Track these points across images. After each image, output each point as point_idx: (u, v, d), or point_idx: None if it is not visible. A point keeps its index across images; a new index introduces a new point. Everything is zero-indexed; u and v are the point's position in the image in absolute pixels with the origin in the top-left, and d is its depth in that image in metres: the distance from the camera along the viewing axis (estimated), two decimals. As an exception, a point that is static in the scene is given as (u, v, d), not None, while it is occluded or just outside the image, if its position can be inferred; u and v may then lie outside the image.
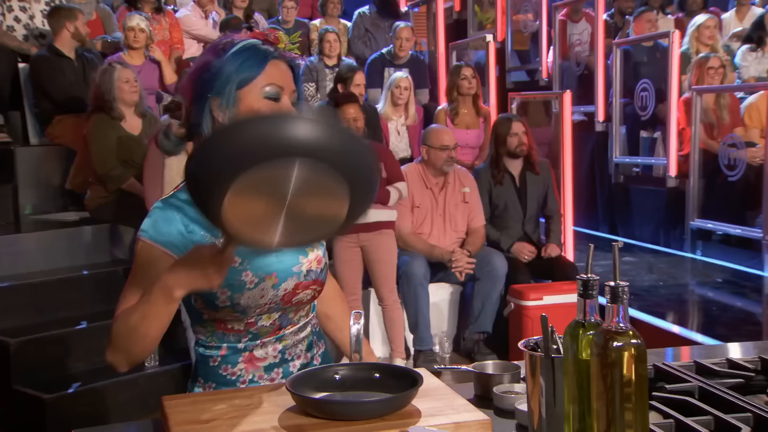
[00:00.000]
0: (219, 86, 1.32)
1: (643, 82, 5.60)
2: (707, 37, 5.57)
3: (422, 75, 5.47)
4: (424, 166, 4.10)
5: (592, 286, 1.11)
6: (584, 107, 6.10)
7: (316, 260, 1.43)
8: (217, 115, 1.33)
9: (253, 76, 1.32)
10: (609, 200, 5.97)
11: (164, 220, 1.32)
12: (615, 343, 1.04)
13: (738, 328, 3.59)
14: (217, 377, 1.41)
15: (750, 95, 5.13)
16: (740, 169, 4.75)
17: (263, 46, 1.35)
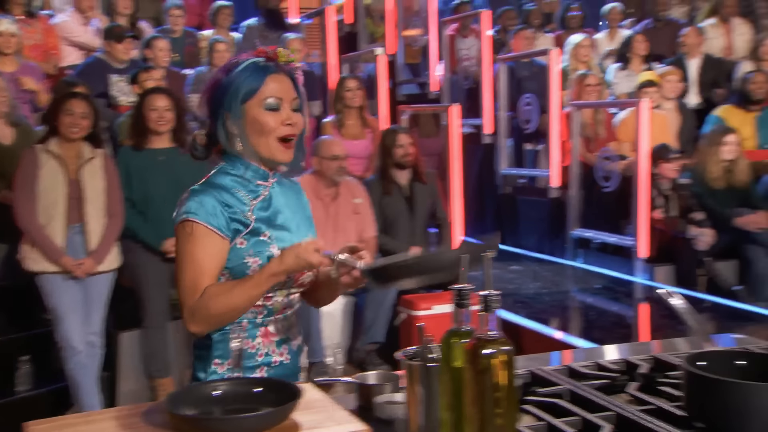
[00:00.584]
0: (228, 101, 1.55)
1: (527, 97, 5.86)
2: (583, 56, 5.90)
3: (314, 87, 5.49)
4: (315, 177, 4.11)
5: (466, 295, 1.16)
6: (472, 120, 6.30)
7: None
8: (229, 127, 1.57)
9: (255, 90, 1.54)
10: (497, 210, 6.20)
11: (208, 202, 1.53)
12: (485, 350, 1.09)
13: (613, 332, 3.81)
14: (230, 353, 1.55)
15: (622, 111, 5.48)
16: (614, 180, 5.07)
17: (263, 63, 1.57)
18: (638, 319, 4.25)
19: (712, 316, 4.06)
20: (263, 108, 1.55)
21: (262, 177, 1.61)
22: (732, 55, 6.41)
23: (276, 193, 1.63)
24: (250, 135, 1.57)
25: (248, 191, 1.59)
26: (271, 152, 1.57)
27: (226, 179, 1.58)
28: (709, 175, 4.76)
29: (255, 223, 1.56)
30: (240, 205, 1.56)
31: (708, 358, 1.30)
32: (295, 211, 1.67)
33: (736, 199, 4.77)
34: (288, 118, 1.56)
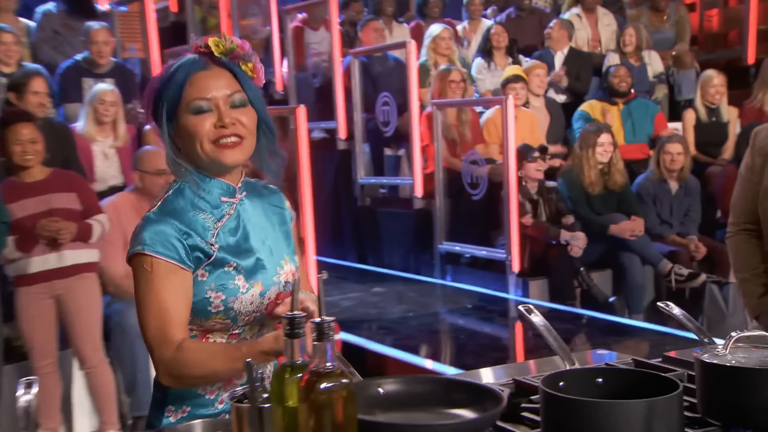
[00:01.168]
0: (159, 115, 1.57)
1: (384, 96, 5.98)
2: (444, 48, 6.14)
3: (132, 87, 5.33)
4: (138, 195, 4.00)
5: (298, 324, 1.18)
6: (324, 123, 6.36)
7: (291, 273, 1.66)
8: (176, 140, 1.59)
9: (177, 97, 1.55)
10: (355, 225, 6.28)
11: (164, 232, 1.52)
12: (323, 384, 1.11)
13: (486, 355, 3.99)
14: (193, 398, 1.59)
15: (487, 110, 5.76)
16: (482, 187, 5.30)
17: (193, 60, 1.56)
18: (514, 340, 4.46)
19: (588, 331, 4.35)
20: (190, 113, 1.55)
21: (226, 192, 1.61)
22: (599, 47, 6.93)
23: (245, 210, 1.63)
24: (185, 146, 1.57)
25: (211, 212, 1.59)
26: (211, 157, 1.56)
27: (184, 201, 1.58)
28: (585, 180, 5.10)
29: (218, 252, 1.56)
30: (202, 230, 1.56)
31: (567, 378, 1.40)
32: (269, 231, 1.66)
33: (612, 204, 5.13)
34: (220, 119, 1.54)
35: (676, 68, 6.69)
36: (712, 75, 5.80)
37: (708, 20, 7.82)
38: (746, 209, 2.40)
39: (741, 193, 2.43)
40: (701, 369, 1.35)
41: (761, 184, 2.33)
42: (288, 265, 1.66)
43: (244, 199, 1.64)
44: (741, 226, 2.43)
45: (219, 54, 1.57)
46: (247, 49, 1.60)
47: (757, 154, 2.37)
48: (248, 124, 1.57)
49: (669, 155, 5.10)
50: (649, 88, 6.47)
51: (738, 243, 2.44)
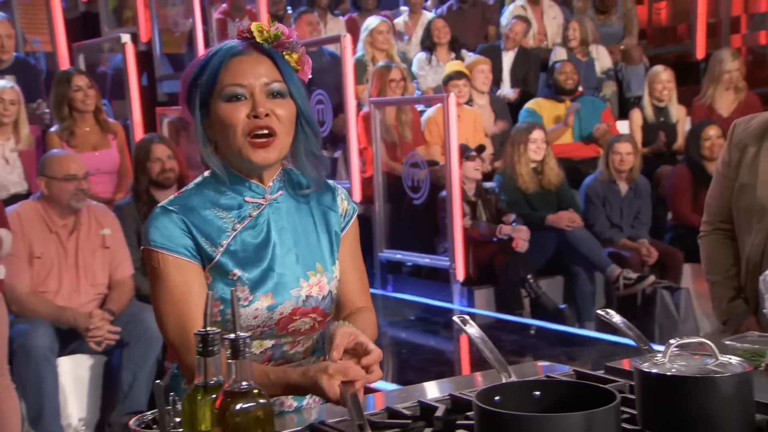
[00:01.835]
0: (192, 103, 1.55)
1: (318, 93, 5.98)
2: (381, 43, 6.18)
3: (36, 84, 5.23)
4: (45, 204, 3.92)
5: (212, 341, 1.18)
6: (254, 123, 6.32)
7: (317, 286, 1.61)
8: (207, 131, 1.56)
9: (213, 81, 1.53)
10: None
11: (168, 225, 1.53)
12: (237, 405, 1.11)
13: (429, 370, 4.01)
14: None
15: (429, 108, 5.80)
16: (424, 191, 5.34)
17: (227, 45, 1.55)
18: (459, 353, 4.50)
19: (535, 342, 4.41)
20: (223, 100, 1.53)
21: (254, 192, 1.59)
22: (545, 41, 7.05)
23: (276, 212, 1.61)
24: (217, 137, 1.55)
25: (232, 212, 1.58)
26: (240, 154, 1.53)
27: (203, 197, 1.58)
28: (518, 179, 5.20)
29: (222, 257, 1.55)
30: (215, 231, 1.55)
31: (503, 392, 1.43)
32: (305, 236, 1.63)
33: (552, 203, 5.24)
34: (254, 108, 1.51)
35: (625, 63, 6.85)
36: (659, 71, 5.95)
37: (656, 13, 8.03)
38: (722, 208, 2.40)
39: (716, 191, 2.43)
40: (640, 378, 1.38)
41: (737, 181, 2.34)
42: (318, 276, 1.63)
43: (279, 199, 1.62)
44: (715, 225, 2.44)
45: (262, 40, 1.55)
46: (294, 38, 1.59)
47: (734, 148, 2.36)
48: (284, 118, 1.55)
49: (618, 155, 5.22)
50: (597, 84, 6.61)
51: (711, 243, 2.45)
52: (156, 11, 6.63)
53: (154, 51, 6.63)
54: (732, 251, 2.39)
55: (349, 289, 1.74)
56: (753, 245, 2.31)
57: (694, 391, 1.31)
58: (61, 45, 5.83)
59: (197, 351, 1.17)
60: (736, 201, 2.34)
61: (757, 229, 2.30)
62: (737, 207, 2.34)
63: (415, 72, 6.37)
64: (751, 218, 2.31)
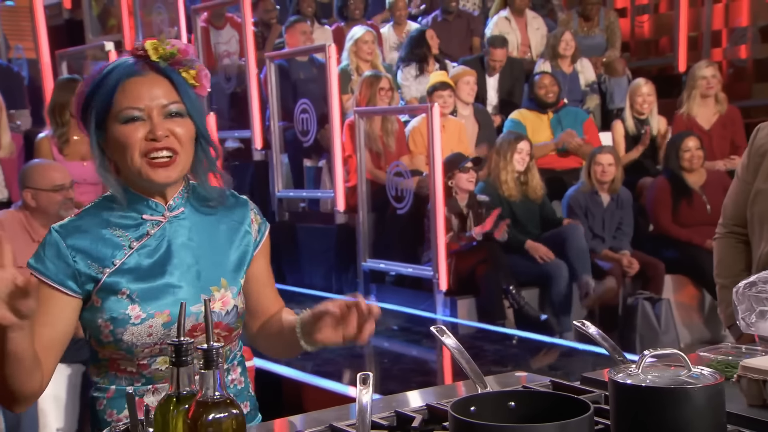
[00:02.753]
0: (87, 123, 1.56)
1: (303, 103, 5.99)
2: (366, 53, 6.19)
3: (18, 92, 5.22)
4: (27, 214, 3.89)
5: (186, 351, 1.17)
6: (239, 132, 6.33)
7: (220, 301, 1.61)
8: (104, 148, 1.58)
9: (109, 102, 1.53)
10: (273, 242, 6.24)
11: (51, 247, 1.55)
12: (210, 415, 1.11)
13: (411, 380, 4.01)
14: (103, 424, 1.57)
15: (413, 118, 5.82)
16: (408, 200, 5.35)
17: (128, 64, 1.54)
18: (442, 363, 4.50)
19: (517, 352, 4.42)
20: (119, 122, 1.53)
21: (153, 210, 1.59)
22: (529, 53, 7.08)
23: (176, 229, 1.60)
24: (115, 157, 1.57)
25: (130, 230, 1.58)
26: (139, 174, 1.54)
27: (100, 217, 1.58)
28: (502, 188, 5.21)
29: (112, 276, 1.54)
30: (109, 250, 1.55)
31: (479, 402, 1.43)
32: (210, 251, 1.62)
33: (535, 215, 5.26)
34: (152, 131, 1.52)
35: (608, 75, 6.89)
36: (641, 83, 5.99)
37: (639, 26, 8.10)
38: (737, 211, 2.39)
39: (734, 195, 2.42)
40: (614, 389, 1.39)
41: (753, 186, 2.33)
42: (221, 292, 1.62)
43: (181, 215, 1.62)
44: (730, 228, 2.43)
45: (157, 59, 1.55)
46: (190, 54, 1.58)
47: (754, 154, 2.35)
48: (183, 137, 1.55)
49: (600, 166, 5.24)
50: (581, 97, 6.65)
51: (724, 246, 2.44)
52: (141, 19, 6.63)
53: (139, 59, 6.60)
54: (744, 256, 2.38)
55: (268, 302, 1.78)
56: (764, 252, 2.30)
57: (666, 402, 1.31)
58: (44, 52, 5.81)
59: (171, 361, 1.16)
60: (751, 206, 2.34)
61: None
62: (752, 212, 2.34)
63: (399, 82, 6.39)
64: (764, 224, 2.31)
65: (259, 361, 4.28)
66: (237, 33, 6.34)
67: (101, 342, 1.57)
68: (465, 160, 5.16)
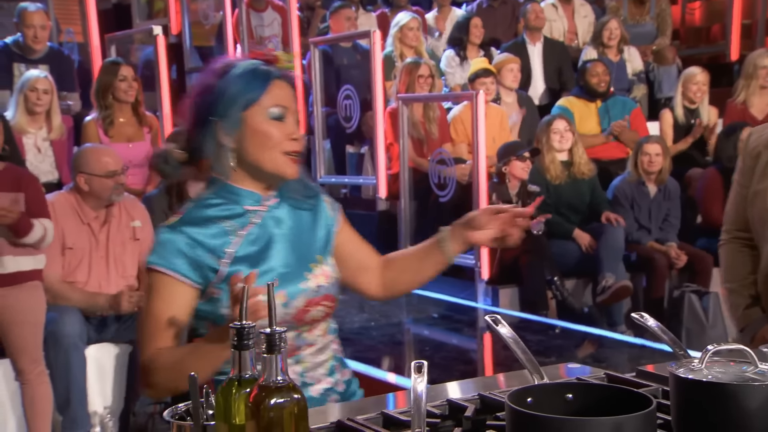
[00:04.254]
0: (222, 109, 1.66)
1: (346, 89, 5.98)
2: (411, 39, 6.16)
3: (68, 75, 5.28)
4: (78, 197, 3.95)
5: (248, 334, 1.18)
6: (282, 117, 6.34)
7: (323, 275, 1.78)
8: (222, 139, 1.68)
9: (257, 97, 1.66)
10: (314, 228, 6.27)
11: (167, 245, 1.65)
12: (272, 400, 1.11)
13: (453, 369, 4.00)
14: None
15: (456, 105, 5.78)
16: (450, 188, 5.32)
17: (264, 67, 1.70)
18: (483, 352, 4.49)
19: (561, 343, 4.39)
20: (267, 117, 1.67)
21: (252, 201, 1.74)
22: (576, 40, 7.00)
23: (274, 218, 1.76)
24: (250, 148, 1.68)
25: (235, 220, 1.71)
26: (277, 167, 1.70)
27: (206, 209, 1.71)
28: (546, 172, 5.17)
29: (231, 266, 1.66)
30: (220, 240, 1.68)
31: (535, 394, 1.42)
32: (302, 236, 1.78)
33: (581, 196, 5.20)
34: (294, 132, 1.69)
35: (657, 64, 6.78)
36: (695, 72, 5.88)
37: (690, 13, 7.95)
38: (739, 217, 2.41)
39: (733, 200, 2.45)
40: (675, 384, 1.36)
41: (750, 188, 2.34)
42: (321, 267, 1.78)
43: (277, 205, 1.77)
44: (733, 234, 2.45)
45: (283, 68, 1.73)
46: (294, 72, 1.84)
47: (747, 156, 2.38)
48: (304, 144, 1.76)
49: (647, 156, 5.17)
50: (628, 86, 6.55)
51: (729, 252, 2.46)
52: (187, 4, 6.67)
53: (184, 43, 6.66)
54: (750, 259, 2.40)
55: (369, 254, 1.95)
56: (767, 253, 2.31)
57: (731, 399, 1.29)
58: (94, 36, 5.88)
59: (233, 345, 1.17)
60: (750, 209, 2.35)
61: None
62: (751, 215, 2.35)
63: (443, 69, 6.35)
64: (765, 224, 2.32)
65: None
66: (279, 16, 6.33)
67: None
68: (523, 149, 5.13)
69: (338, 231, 1.89)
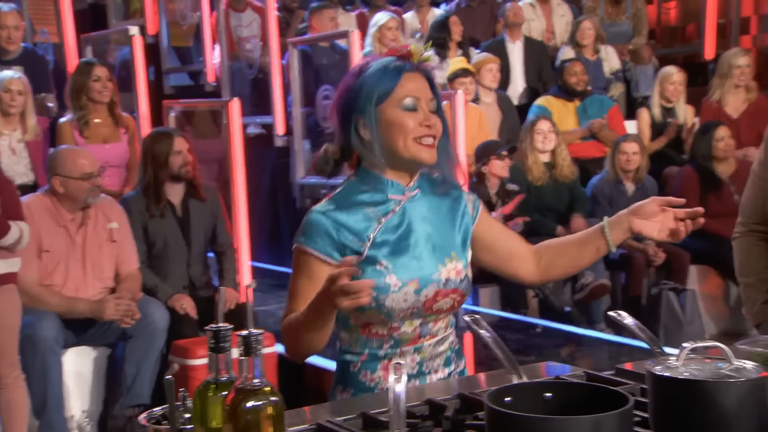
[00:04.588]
0: (360, 105, 1.79)
1: (325, 89, 5.98)
2: (390, 39, 6.16)
3: (43, 76, 5.23)
4: (53, 199, 3.92)
5: (224, 337, 1.17)
6: (261, 118, 6.32)
7: (455, 270, 1.86)
8: (363, 134, 1.80)
9: (390, 90, 1.77)
10: (294, 229, 6.21)
11: (315, 226, 1.79)
12: (249, 403, 1.11)
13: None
14: (356, 383, 1.87)
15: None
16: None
17: (396, 62, 1.80)
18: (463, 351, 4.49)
19: (542, 342, 4.40)
20: (400, 108, 1.78)
21: (396, 190, 1.84)
22: (553, 40, 7.03)
23: (413, 208, 1.86)
24: (387, 139, 1.79)
25: (378, 207, 1.83)
26: (411, 153, 1.79)
27: (353, 195, 1.83)
28: (528, 173, 5.18)
29: (370, 250, 1.79)
30: (362, 225, 1.80)
31: (514, 393, 1.42)
32: (438, 228, 1.88)
33: (560, 198, 5.21)
34: (426, 119, 1.78)
35: (634, 63, 6.82)
36: (672, 72, 5.92)
37: (666, 13, 8.00)
38: (757, 209, 2.38)
39: (752, 192, 2.41)
40: (652, 382, 1.37)
41: None
42: (454, 263, 1.86)
43: (416, 196, 1.87)
44: (750, 227, 2.41)
45: (417, 61, 1.81)
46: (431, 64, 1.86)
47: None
48: (440, 129, 1.82)
49: (624, 155, 5.20)
50: (605, 84, 6.59)
51: (745, 245, 2.42)
52: (164, 4, 6.63)
53: (161, 44, 6.62)
54: (767, 253, 2.36)
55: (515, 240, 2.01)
56: None
57: (708, 396, 1.30)
58: (69, 36, 5.83)
59: (210, 347, 1.16)
60: None
61: None
62: None
63: (422, 69, 6.34)
64: None
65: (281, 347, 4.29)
66: (258, 16, 6.31)
67: (362, 308, 1.75)
68: (502, 147, 5.14)
69: (477, 223, 1.96)
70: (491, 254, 1.98)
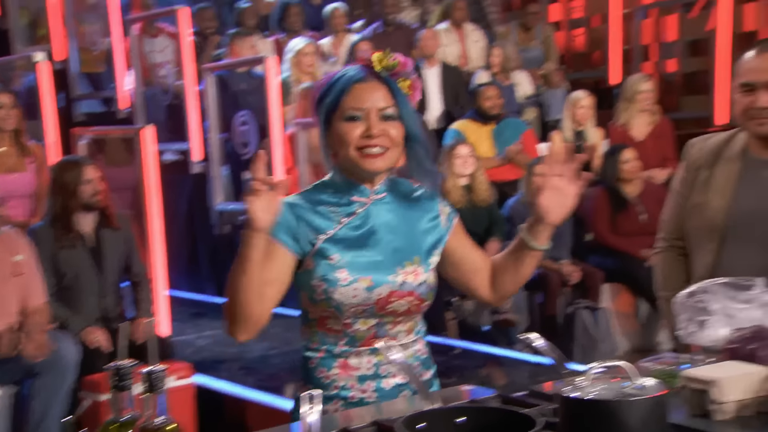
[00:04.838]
0: (320, 115, 1.86)
1: (242, 115, 5.96)
2: (307, 65, 6.18)
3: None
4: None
5: (125, 375, 1.14)
6: (177, 144, 6.24)
7: (413, 273, 1.89)
8: (323, 140, 1.88)
9: (336, 102, 1.82)
10: (213, 255, 6.17)
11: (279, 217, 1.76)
12: (153, 441, 1.08)
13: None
14: (314, 380, 1.91)
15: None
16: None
17: (353, 72, 1.83)
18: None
19: (461, 363, 4.43)
20: (343, 119, 1.82)
21: (360, 193, 1.89)
22: (468, 65, 7.15)
23: (378, 210, 1.90)
24: (334, 148, 1.86)
25: (341, 207, 1.88)
26: (353, 163, 1.83)
27: (320, 194, 1.89)
28: (447, 196, 5.24)
29: (325, 243, 1.84)
30: (324, 222, 1.85)
31: (428, 418, 1.43)
32: (403, 232, 1.91)
33: (478, 222, 5.29)
34: (368, 129, 1.80)
35: (546, 87, 6.99)
36: (580, 96, 6.09)
37: (573, 39, 8.25)
38: (676, 225, 2.44)
39: (672, 208, 2.47)
40: (561, 403, 1.40)
41: (689, 200, 2.38)
42: (414, 266, 1.90)
43: (384, 199, 1.92)
44: (670, 242, 2.47)
45: (380, 69, 1.83)
46: (408, 67, 1.86)
47: (690, 168, 2.41)
48: (395, 137, 1.83)
49: (539, 177, 5.29)
50: (519, 108, 6.72)
51: (665, 260, 2.48)
52: (74, 28, 6.49)
53: (70, 69, 6.47)
54: (686, 268, 2.43)
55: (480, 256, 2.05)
56: (702, 265, 2.35)
57: (612, 415, 1.33)
58: (-29, 61, 5.66)
59: (112, 385, 1.13)
60: (688, 220, 2.39)
61: (707, 250, 2.34)
62: (689, 226, 2.39)
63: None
64: (701, 238, 2.36)
65: (200, 377, 4.21)
66: (172, 42, 6.24)
67: (315, 300, 1.84)
68: None
69: (450, 237, 2.00)
70: (456, 270, 2.02)
